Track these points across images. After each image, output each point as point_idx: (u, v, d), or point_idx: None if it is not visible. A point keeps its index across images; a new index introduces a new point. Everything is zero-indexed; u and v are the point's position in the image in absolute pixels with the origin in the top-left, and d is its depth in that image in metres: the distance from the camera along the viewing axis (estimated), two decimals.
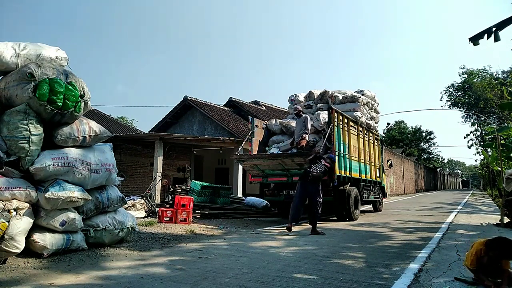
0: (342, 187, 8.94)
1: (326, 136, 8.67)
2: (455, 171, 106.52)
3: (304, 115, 9.35)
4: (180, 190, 11.32)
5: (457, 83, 42.99)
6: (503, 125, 26.08)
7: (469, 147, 43.36)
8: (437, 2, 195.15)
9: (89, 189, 4.83)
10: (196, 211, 9.47)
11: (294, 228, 7.17)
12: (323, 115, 9.60)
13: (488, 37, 5.75)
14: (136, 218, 6.13)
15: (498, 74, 40.15)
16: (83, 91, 4.80)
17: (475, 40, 5.99)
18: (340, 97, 10.69)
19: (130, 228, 5.31)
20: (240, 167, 15.57)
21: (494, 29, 5.71)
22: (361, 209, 10.41)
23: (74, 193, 4.45)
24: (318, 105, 10.84)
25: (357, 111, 10.38)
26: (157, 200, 11.67)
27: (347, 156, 9.31)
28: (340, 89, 11.16)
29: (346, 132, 9.46)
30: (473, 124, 42.96)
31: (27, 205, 4.17)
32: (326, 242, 5.88)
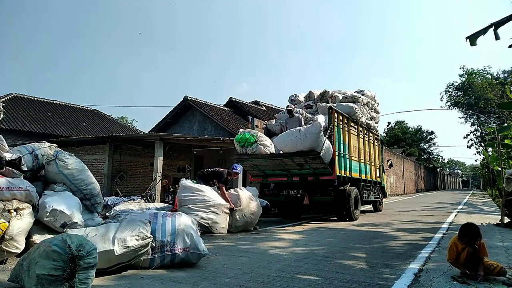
0: (342, 187, 8.94)
1: (326, 136, 8.67)
2: (455, 171, 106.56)
3: (296, 114, 9.40)
4: None
5: (456, 82, 43.08)
6: (503, 125, 26.10)
7: (469, 147, 43.45)
8: (439, 2, 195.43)
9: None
10: None
11: (295, 228, 7.16)
12: (322, 118, 9.58)
13: (484, 33, 5.74)
14: None
15: (499, 74, 40.20)
16: None
17: (472, 38, 5.96)
18: (340, 97, 10.69)
19: None
20: (240, 167, 15.55)
21: (493, 28, 5.70)
22: (361, 209, 10.41)
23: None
24: (318, 104, 10.84)
25: (357, 111, 10.38)
26: (157, 200, 11.66)
27: (347, 156, 9.31)
28: (341, 88, 11.20)
29: (346, 132, 9.47)
30: (473, 124, 43.03)
31: (27, 205, 4.17)
32: (326, 242, 5.88)
